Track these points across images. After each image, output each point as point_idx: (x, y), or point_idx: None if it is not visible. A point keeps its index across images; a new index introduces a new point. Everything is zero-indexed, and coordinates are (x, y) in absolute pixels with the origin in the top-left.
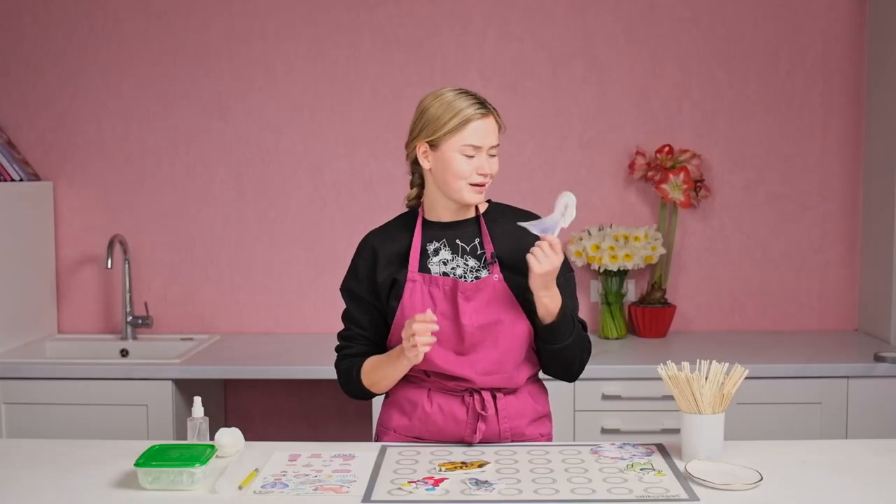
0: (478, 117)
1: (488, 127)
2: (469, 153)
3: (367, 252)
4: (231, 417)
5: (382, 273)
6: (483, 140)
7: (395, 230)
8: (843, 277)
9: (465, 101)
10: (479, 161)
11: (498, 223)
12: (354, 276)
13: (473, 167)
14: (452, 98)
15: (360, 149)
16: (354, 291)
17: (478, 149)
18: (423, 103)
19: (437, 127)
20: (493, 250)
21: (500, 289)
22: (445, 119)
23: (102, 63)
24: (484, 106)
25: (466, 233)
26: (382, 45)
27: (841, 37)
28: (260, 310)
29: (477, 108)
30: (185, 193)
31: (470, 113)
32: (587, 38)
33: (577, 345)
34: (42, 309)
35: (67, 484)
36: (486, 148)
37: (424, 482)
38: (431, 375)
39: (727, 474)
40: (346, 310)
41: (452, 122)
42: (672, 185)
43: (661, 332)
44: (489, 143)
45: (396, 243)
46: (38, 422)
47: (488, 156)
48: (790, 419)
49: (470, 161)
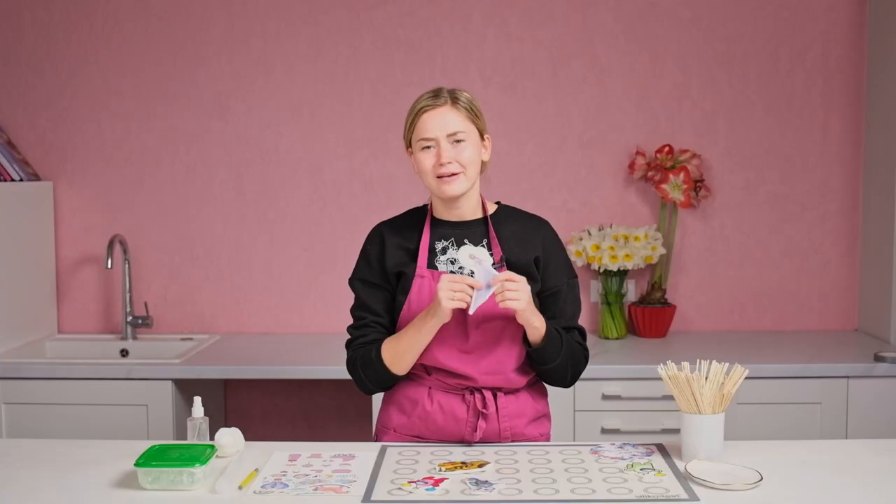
0: (427, 109)
1: (441, 115)
2: (426, 146)
3: (376, 239)
4: (231, 417)
5: (391, 260)
6: (436, 131)
7: (405, 224)
8: (843, 277)
9: (422, 99)
10: (436, 151)
11: (505, 225)
12: (366, 263)
13: (433, 159)
14: (417, 99)
15: (360, 149)
16: (366, 279)
17: (432, 140)
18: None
19: (406, 129)
20: (501, 253)
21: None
22: (407, 120)
23: (102, 63)
24: (438, 96)
25: (475, 234)
26: (382, 45)
27: (841, 37)
28: (260, 310)
29: (427, 98)
30: (185, 193)
31: (418, 106)
32: (587, 37)
33: (566, 362)
34: (42, 309)
35: (67, 484)
36: (442, 137)
37: (424, 482)
38: (433, 373)
39: (727, 474)
40: (357, 301)
41: (408, 119)
42: (672, 185)
43: (661, 332)
44: (445, 131)
45: (405, 237)
46: (38, 422)
47: (451, 143)
48: (790, 419)
49: (428, 153)
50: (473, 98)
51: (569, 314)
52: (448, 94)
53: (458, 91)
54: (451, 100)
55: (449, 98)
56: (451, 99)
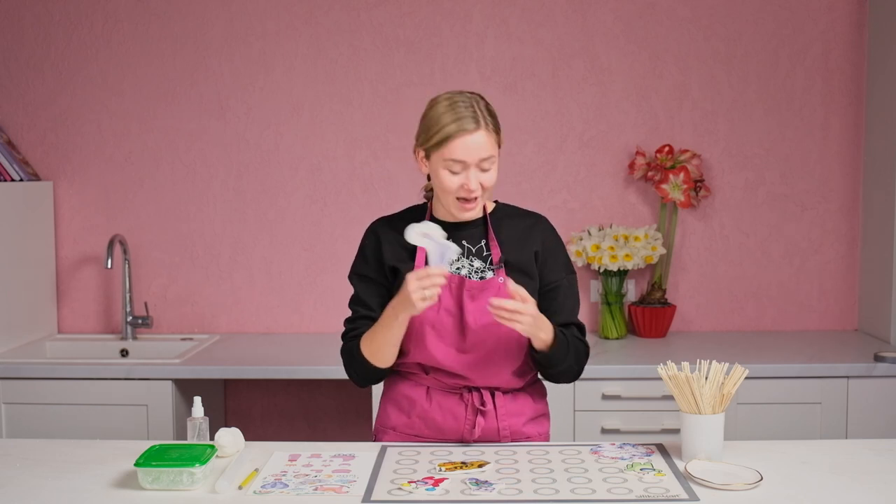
0: (462, 134)
1: (476, 141)
2: (454, 169)
3: (372, 236)
4: (231, 417)
5: (387, 254)
6: (468, 156)
7: (404, 223)
8: (843, 277)
9: (453, 115)
10: (464, 177)
11: (504, 224)
12: (362, 258)
13: (459, 183)
14: (443, 109)
15: (360, 149)
16: (363, 273)
17: (462, 164)
18: (429, 105)
19: (426, 138)
20: (500, 255)
21: (504, 292)
22: (432, 132)
23: (102, 63)
24: (474, 120)
25: (473, 234)
26: (382, 45)
27: (841, 37)
28: (260, 310)
29: (464, 122)
30: (185, 193)
31: (452, 130)
32: (587, 38)
33: (572, 363)
34: (42, 309)
35: (67, 484)
36: (473, 163)
37: (424, 482)
38: (431, 373)
39: (727, 474)
40: (354, 295)
41: (436, 137)
42: (672, 185)
43: (661, 332)
44: (477, 157)
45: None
46: (38, 422)
47: (480, 169)
48: (790, 419)
49: (455, 177)
50: (494, 110)
51: (568, 309)
52: (482, 117)
53: (488, 106)
54: (485, 123)
55: (483, 121)
56: (485, 122)
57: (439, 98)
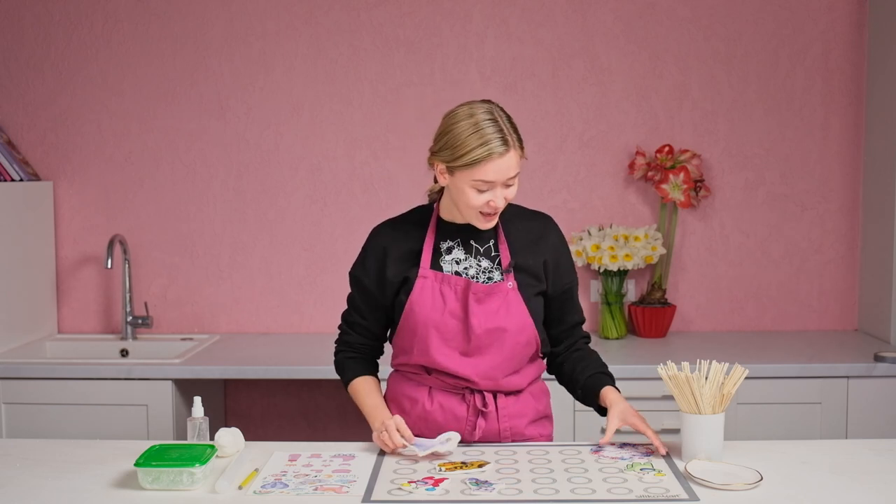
0: (495, 157)
1: (506, 162)
2: (482, 188)
3: (378, 247)
4: (231, 417)
5: (392, 269)
6: (498, 176)
7: (408, 226)
8: (843, 277)
9: (480, 137)
10: (491, 194)
11: (512, 223)
12: (363, 265)
13: (485, 200)
14: (469, 129)
15: (360, 149)
16: (360, 280)
17: (491, 184)
18: (449, 119)
19: (453, 156)
20: (509, 259)
21: (512, 297)
22: (459, 153)
23: (102, 63)
24: (503, 142)
25: (482, 234)
26: (382, 45)
27: (841, 37)
28: (260, 310)
29: (493, 146)
30: (185, 193)
31: (482, 154)
32: (587, 38)
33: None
34: (42, 309)
35: (67, 484)
36: (500, 183)
37: (424, 482)
38: (432, 373)
39: (727, 474)
40: (351, 296)
41: (464, 159)
42: (672, 185)
43: (661, 332)
44: (505, 176)
45: (409, 240)
46: (38, 422)
47: (504, 186)
48: (790, 419)
49: (482, 195)
50: (514, 120)
51: (579, 308)
52: (509, 135)
53: (510, 119)
54: (513, 143)
55: (511, 140)
56: (513, 142)
57: (459, 114)
